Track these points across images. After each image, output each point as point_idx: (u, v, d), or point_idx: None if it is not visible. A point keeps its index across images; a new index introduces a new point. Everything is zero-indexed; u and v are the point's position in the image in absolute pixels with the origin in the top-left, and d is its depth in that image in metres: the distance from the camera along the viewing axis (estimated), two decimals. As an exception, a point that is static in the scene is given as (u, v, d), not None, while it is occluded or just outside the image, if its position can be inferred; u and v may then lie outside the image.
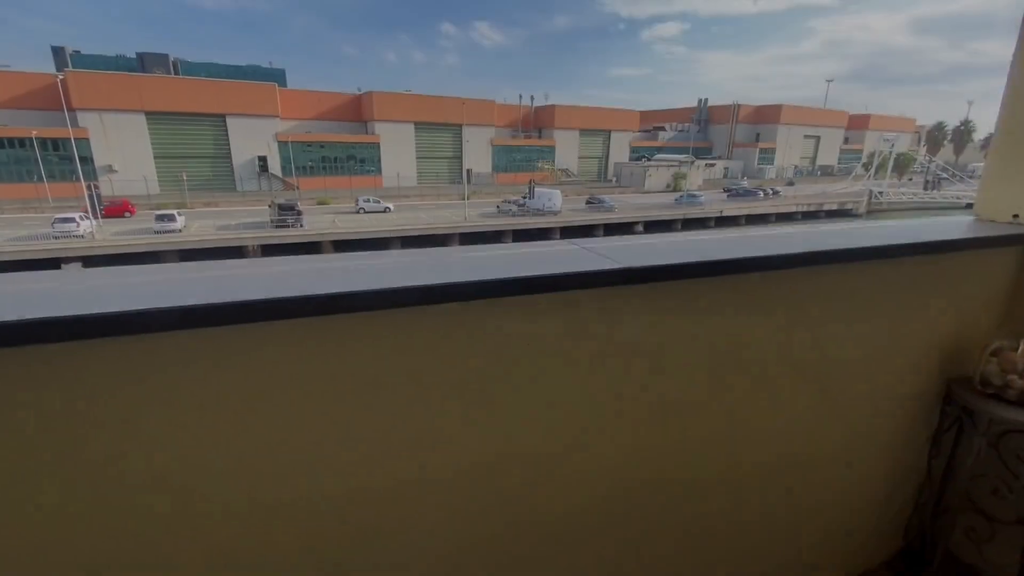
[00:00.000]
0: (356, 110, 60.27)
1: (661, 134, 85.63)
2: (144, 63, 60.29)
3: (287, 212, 33.13)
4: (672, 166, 65.50)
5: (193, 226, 32.55)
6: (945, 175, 67.12)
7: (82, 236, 28.24)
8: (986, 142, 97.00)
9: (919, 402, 2.13)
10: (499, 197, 49.86)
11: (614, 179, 69.54)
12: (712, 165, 77.12)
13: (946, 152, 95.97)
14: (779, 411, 1.81)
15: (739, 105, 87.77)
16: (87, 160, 42.87)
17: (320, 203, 44.48)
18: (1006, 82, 2.10)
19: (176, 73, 60.86)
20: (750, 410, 1.74)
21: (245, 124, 49.96)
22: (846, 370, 1.88)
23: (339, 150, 55.93)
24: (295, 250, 32.62)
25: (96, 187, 32.94)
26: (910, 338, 1.99)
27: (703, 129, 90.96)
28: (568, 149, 70.87)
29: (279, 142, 51.89)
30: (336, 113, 59.29)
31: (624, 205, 48.01)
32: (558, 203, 42.21)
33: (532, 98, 77.06)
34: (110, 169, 44.81)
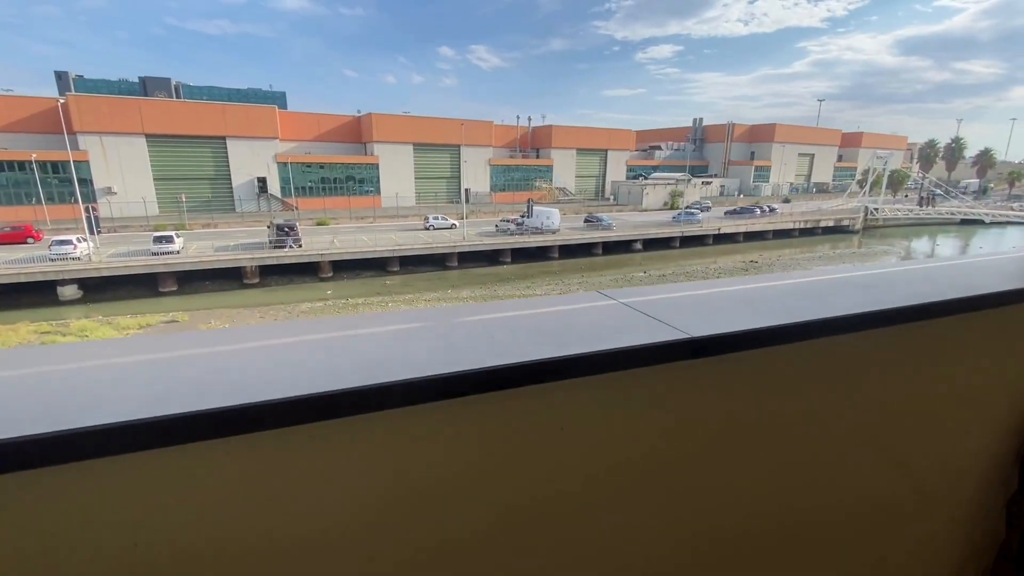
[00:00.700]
0: (356, 131, 60.96)
1: (657, 153, 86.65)
2: (146, 87, 61.23)
3: (285, 232, 33.17)
4: (669, 184, 66.08)
5: (192, 247, 32.52)
6: (939, 191, 67.78)
7: (79, 258, 28.16)
8: (977, 159, 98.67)
9: (996, 463, 1.97)
10: (497, 216, 50.12)
11: (612, 197, 70.04)
12: (708, 183, 77.83)
13: (938, 169, 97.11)
14: (844, 474, 1.66)
15: (733, 124, 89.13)
16: (86, 182, 43.14)
17: (320, 223, 44.61)
18: None
19: (178, 96, 61.80)
20: (817, 474, 1.60)
21: (245, 146, 50.42)
22: (917, 430, 1.74)
23: (338, 171, 56.38)
24: (294, 270, 32.58)
25: (95, 209, 33.00)
26: (987, 394, 1.85)
27: (699, 148, 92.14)
28: (565, 168, 71.56)
29: (279, 163, 52.30)
30: (336, 134, 59.94)
31: (622, 223, 48.22)
32: (556, 221, 42.39)
33: (529, 119, 78.14)
34: (109, 191, 45.00)
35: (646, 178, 72.02)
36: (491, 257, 38.81)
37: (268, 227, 35.14)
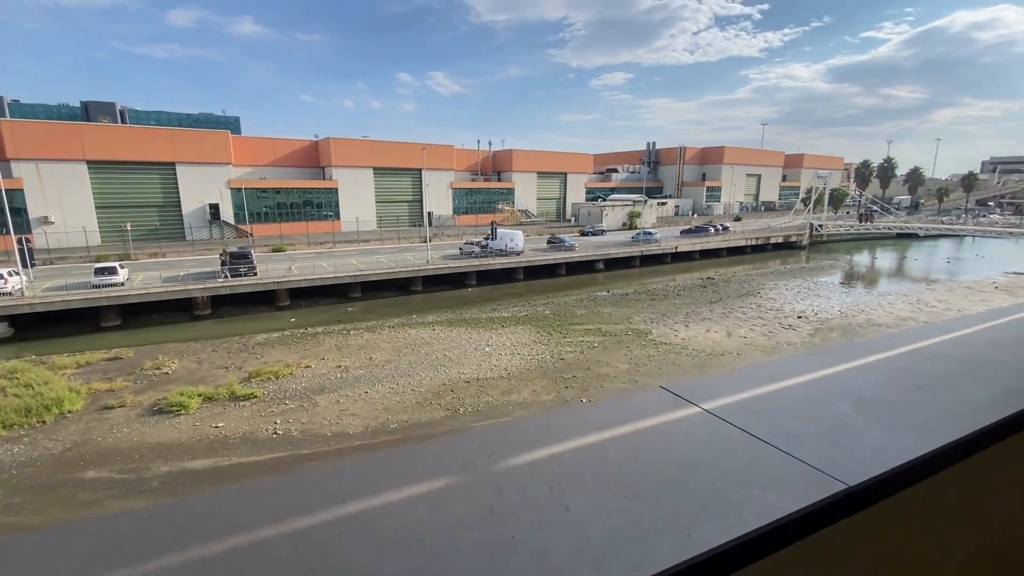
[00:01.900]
0: (313, 156, 60.01)
1: (614, 175, 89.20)
2: (89, 112, 58.50)
3: (239, 260, 31.92)
4: (627, 205, 67.91)
5: (137, 278, 30.80)
6: (876, 208, 72.42)
7: (10, 293, 26.11)
8: (908, 177, 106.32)
9: None
10: (461, 239, 50.07)
11: (573, 219, 71.30)
12: (664, 203, 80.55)
13: (874, 187, 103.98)
14: None
15: (685, 148, 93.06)
16: (20, 212, 40.41)
17: (276, 250, 43.27)
18: None
19: (123, 121, 59.32)
20: None
21: (196, 172, 48.68)
22: None
23: (295, 195, 55.14)
24: (249, 299, 31.28)
25: (29, 240, 30.86)
26: None
27: (653, 170, 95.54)
28: (527, 191, 72.56)
29: (232, 189, 50.69)
30: (292, 159, 58.80)
31: (584, 244, 49.03)
32: (520, 243, 42.64)
33: (490, 143, 79.20)
34: (46, 221, 42.33)
35: (605, 200, 73.88)
36: (456, 280, 38.52)
37: (221, 255, 33.77)
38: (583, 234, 49.01)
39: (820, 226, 65.29)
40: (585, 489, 0.89)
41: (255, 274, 31.75)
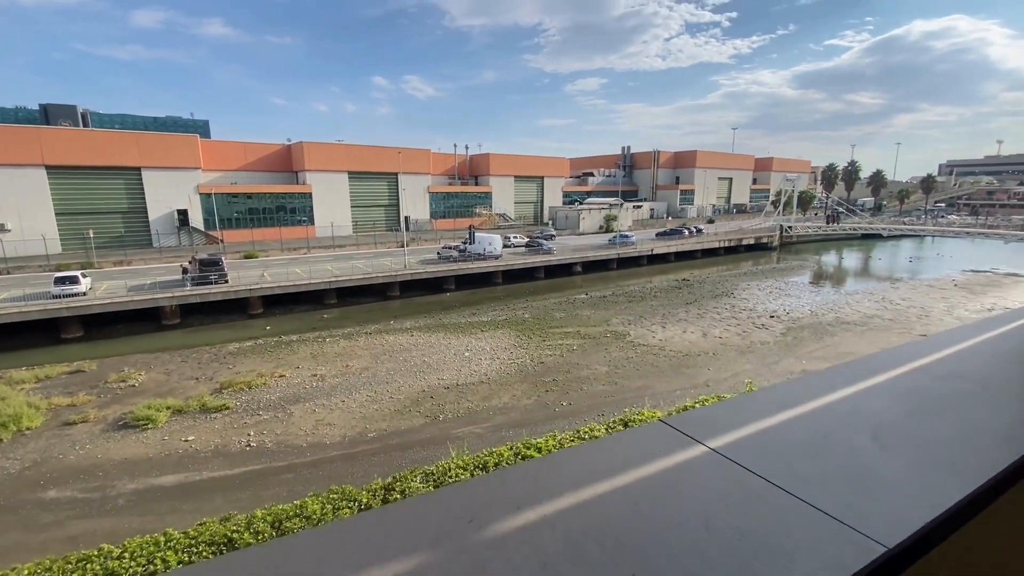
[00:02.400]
0: (286, 160, 58.92)
1: (590, 179, 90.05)
2: (48, 115, 56.17)
3: (210, 267, 31.04)
4: (603, 209, 68.61)
5: (101, 287, 29.65)
6: (841, 209, 74.83)
7: (-38, 304, 24.83)
8: (871, 180, 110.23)
9: None
10: (439, 243, 49.80)
11: (550, 222, 71.65)
12: (639, 207, 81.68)
13: (839, 189, 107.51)
14: None
15: (659, 152, 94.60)
16: (-28, 219, 38.55)
17: (248, 256, 42.23)
18: None
19: (85, 125, 57.17)
20: None
21: (163, 177, 47.22)
22: None
23: (268, 201, 53.99)
24: (220, 308, 30.44)
25: (-18, 249, 29.44)
26: None
27: (628, 174, 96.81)
28: (504, 194, 72.64)
29: (201, 194, 49.33)
30: (264, 163, 57.61)
31: (562, 247, 49.30)
32: (499, 247, 42.61)
33: (467, 147, 79.09)
34: (2, 228, 40.43)
35: (581, 203, 74.52)
36: (434, 285, 38.23)
37: (190, 262, 32.80)
38: (527, 246, 47.74)
39: (790, 228, 67.13)
40: (586, 563, 0.76)
41: (226, 281, 30.92)
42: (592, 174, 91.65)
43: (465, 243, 42.59)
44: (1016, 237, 54.99)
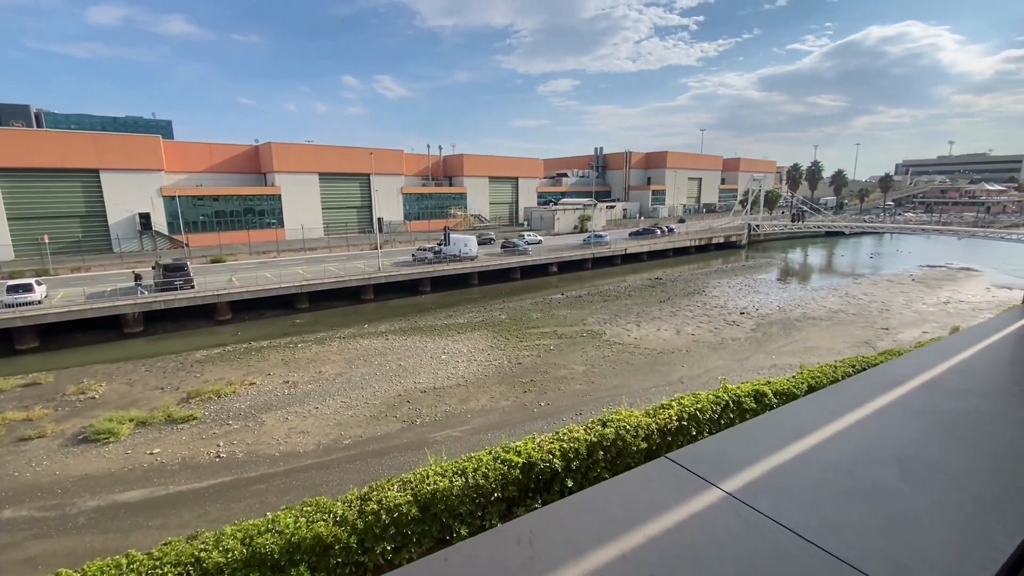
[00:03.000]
0: (254, 161, 57.44)
1: (564, 180, 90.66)
2: (-3, 115, 53.40)
3: (174, 272, 29.98)
4: (578, 209, 69.15)
5: (58, 295, 28.31)
6: (806, 208, 77.32)
7: (-98, 316, 23.33)
8: (833, 179, 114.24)
9: None
10: (413, 244, 49.32)
11: (525, 223, 71.81)
12: (612, 207, 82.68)
13: (803, 188, 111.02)
14: None
15: (631, 152, 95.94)
16: (-86, 225, 36.31)
17: (216, 260, 40.99)
18: None
19: (39, 125, 54.54)
20: None
21: (123, 179, 45.44)
22: None
23: (235, 203, 52.51)
24: (186, 314, 29.45)
25: (-75, 256, 27.75)
26: None
27: (601, 174, 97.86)
28: (479, 195, 72.48)
29: (164, 197, 47.67)
30: (231, 165, 56.04)
31: (537, 248, 49.45)
32: (474, 248, 42.45)
33: (440, 148, 78.54)
34: (-54, 234, 38.25)
35: (556, 204, 74.96)
36: (409, 287, 37.84)
37: (153, 267, 31.61)
38: (503, 247, 47.02)
39: (757, 226, 68.94)
40: None
41: (192, 287, 29.92)
42: (566, 175, 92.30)
43: (440, 244, 42.30)
44: (968, 233, 57.75)
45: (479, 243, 45.71)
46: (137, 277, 29.75)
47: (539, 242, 52.36)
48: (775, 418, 1.36)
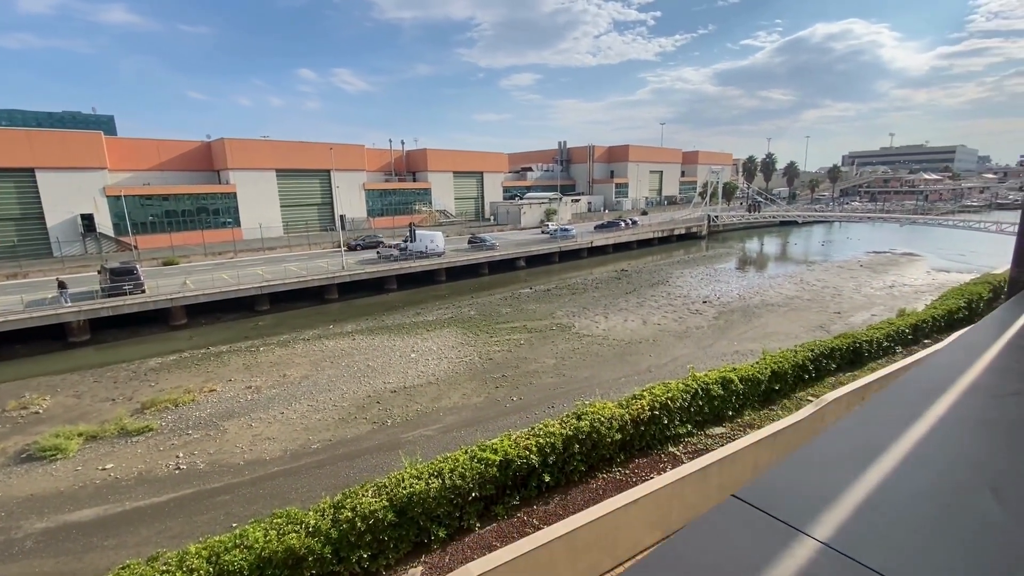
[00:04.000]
0: (206, 158, 54.97)
1: (529, 174, 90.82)
2: (-89, 109, 49.17)
3: (122, 277, 28.38)
4: (544, 203, 69.41)
5: (-10, 304, 26.35)
6: (761, 199, 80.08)
7: None
8: (785, 171, 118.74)
9: None
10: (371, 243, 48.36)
11: (492, 218, 71.58)
12: (577, 200, 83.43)
13: (759, 180, 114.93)
14: None
15: (594, 147, 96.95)
16: None
17: (168, 263, 39.06)
18: None
19: (-40, 121, 50.59)
20: None
21: (62, 179, 42.66)
22: None
23: (187, 202, 50.17)
24: (137, 320, 27.98)
25: None
26: None
27: (566, 168, 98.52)
28: (444, 191, 71.72)
29: (109, 197, 45.06)
30: (182, 162, 53.46)
31: (505, 242, 49.38)
32: (441, 244, 41.98)
33: (403, 142, 77.16)
34: None
35: (521, 198, 75.01)
36: (375, 285, 37.10)
37: (99, 271, 29.84)
38: (470, 242, 45.82)
39: (716, 217, 70.98)
40: None
41: (143, 291, 28.43)
42: (531, 169, 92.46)
43: (406, 241, 41.65)
44: (908, 220, 61.15)
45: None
46: (61, 285, 27.07)
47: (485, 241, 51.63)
48: (835, 437, 1.18)
